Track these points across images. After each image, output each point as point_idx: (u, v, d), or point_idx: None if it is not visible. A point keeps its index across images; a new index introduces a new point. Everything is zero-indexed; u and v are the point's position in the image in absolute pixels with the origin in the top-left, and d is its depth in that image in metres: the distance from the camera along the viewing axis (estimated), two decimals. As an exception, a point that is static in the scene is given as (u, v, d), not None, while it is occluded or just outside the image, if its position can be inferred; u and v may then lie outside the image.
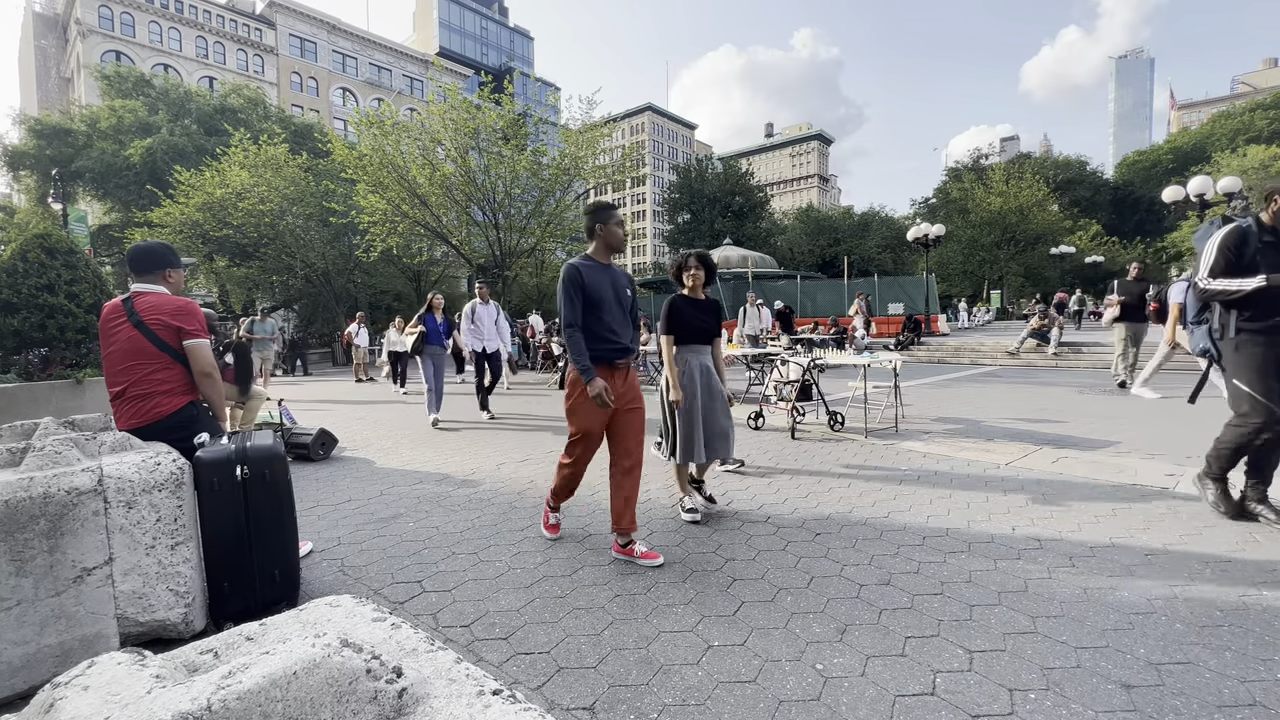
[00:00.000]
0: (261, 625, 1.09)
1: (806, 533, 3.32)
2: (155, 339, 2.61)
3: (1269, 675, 1.93)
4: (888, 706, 1.83)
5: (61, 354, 5.52)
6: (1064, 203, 42.45)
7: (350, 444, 6.19)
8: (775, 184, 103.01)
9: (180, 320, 2.66)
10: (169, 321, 2.64)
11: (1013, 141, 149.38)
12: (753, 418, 6.44)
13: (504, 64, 66.11)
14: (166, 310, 2.65)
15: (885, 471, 4.54)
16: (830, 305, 22.75)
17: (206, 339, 2.76)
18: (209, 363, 2.72)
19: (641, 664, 2.10)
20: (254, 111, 28.76)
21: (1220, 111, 50.26)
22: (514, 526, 3.56)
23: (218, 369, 2.79)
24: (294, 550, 2.58)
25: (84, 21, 39.61)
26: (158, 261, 2.77)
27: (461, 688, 0.89)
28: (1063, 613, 2.37)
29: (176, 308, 2.69)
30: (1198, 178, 15.37)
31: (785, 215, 55.46)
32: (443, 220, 19.33)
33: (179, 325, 2.65)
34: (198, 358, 2.69)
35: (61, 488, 2.03)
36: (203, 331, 2.73)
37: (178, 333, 2.65)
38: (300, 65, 49.67)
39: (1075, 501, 3.72)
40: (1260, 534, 3.11)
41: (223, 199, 19.08)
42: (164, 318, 2.64)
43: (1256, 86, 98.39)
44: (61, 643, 2.01)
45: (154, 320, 2.62)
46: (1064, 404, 7.50)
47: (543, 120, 20.90)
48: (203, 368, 2.70)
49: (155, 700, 0.78)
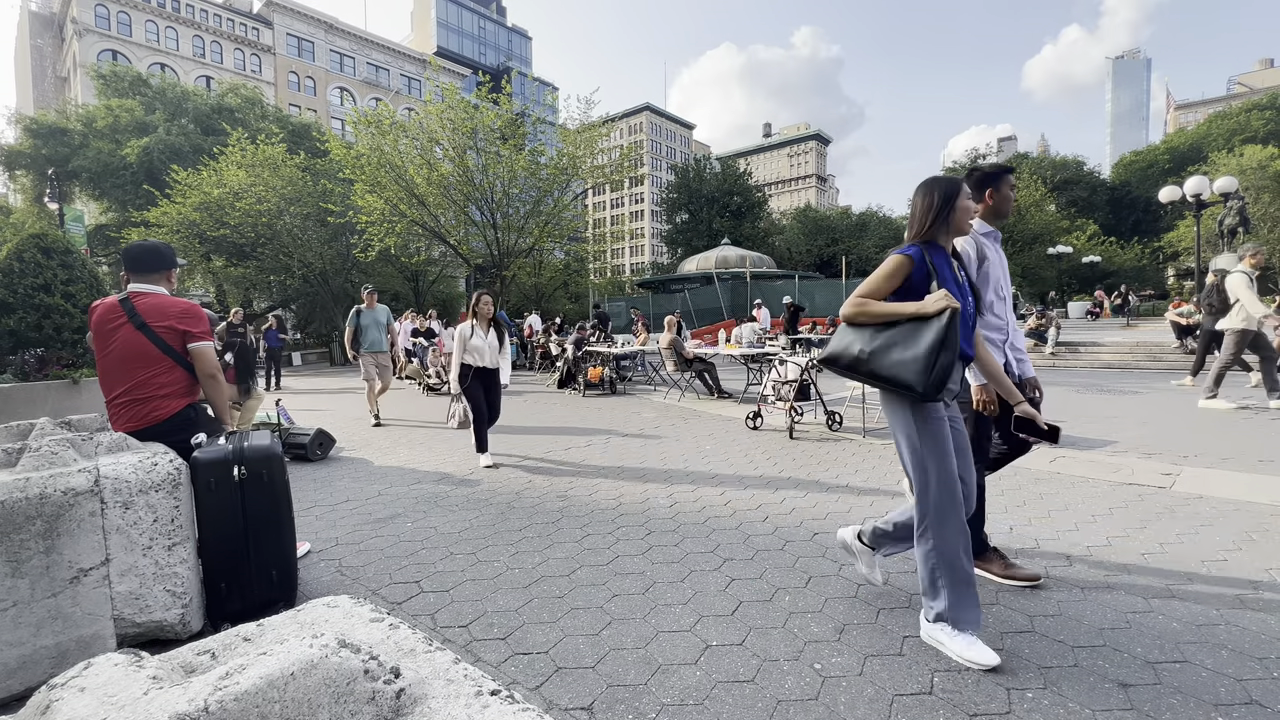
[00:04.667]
0: (259, 626, 1.09)
1: (805, 532, 3.32)
2: (160, 342, 2.58)
3: (1265, 674, 1.94)
4: (886, 706, 1.84)
5: (58, 354, 5.50)
6: (1061, 203, 42.56)
7: (348, 444, 6.17)
8: (773, 184, 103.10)
9: (186, 323, 2.64)
10: (175, 325, 2.61)
11: (1010, 142, 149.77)
12: (751, 417, 6.45)
13: (502, 63, 66.13)
14: (173, 313, 2.63)
15: (883, 471, 4.55)
16: (828, 305, 22.81)
17: (212, 341, 2.75)
18: (215, 365, 2.70)
19: (640, 664, 2.10)
20: (251, 111, 28.66)
21: (1217, 112, 50.39)
22: (512, 527, 3.56)
23: (222, 371, 2.78)
24: (291, 551, 2.57)
25: (80, 20, 39.48)
26: (162, 261, 2.74)
27: (459, 688, 0.89)
28: (1060, 612, 2.37)
29: (182, 310, 2.66)
30: (1194, 178, 15.42)
31: (783, 215, 55.53)
32: (440, 220, 19.30)
33: (185, 329, 2.63)
34: (204, 361, 2.67)
35: (58, 488, 2.02)
36: (208, 335, 2.72)
37: (183, 336, 2.63)
38: (298, 64, 49.58)
39: (1073, 501, 3.73)
40: (1256, 533, 3.12)
41: (220, 199, 19.01)
42: (170, 321, 2.61)
43: (1253, 87, 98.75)
44: (58, 644, 2.00)
45: (158, 323, 2.59)
46: (1061, 403, 7.52)
47: (540, 120, 20.84)
48: (208, 370, 2.68)
49: (152, 702, 0.78)
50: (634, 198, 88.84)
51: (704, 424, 6.85)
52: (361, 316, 7.44)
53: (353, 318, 7.45)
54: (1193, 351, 11.10)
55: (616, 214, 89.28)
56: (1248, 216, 19.32)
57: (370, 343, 7.45)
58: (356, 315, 7.45)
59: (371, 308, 7.53)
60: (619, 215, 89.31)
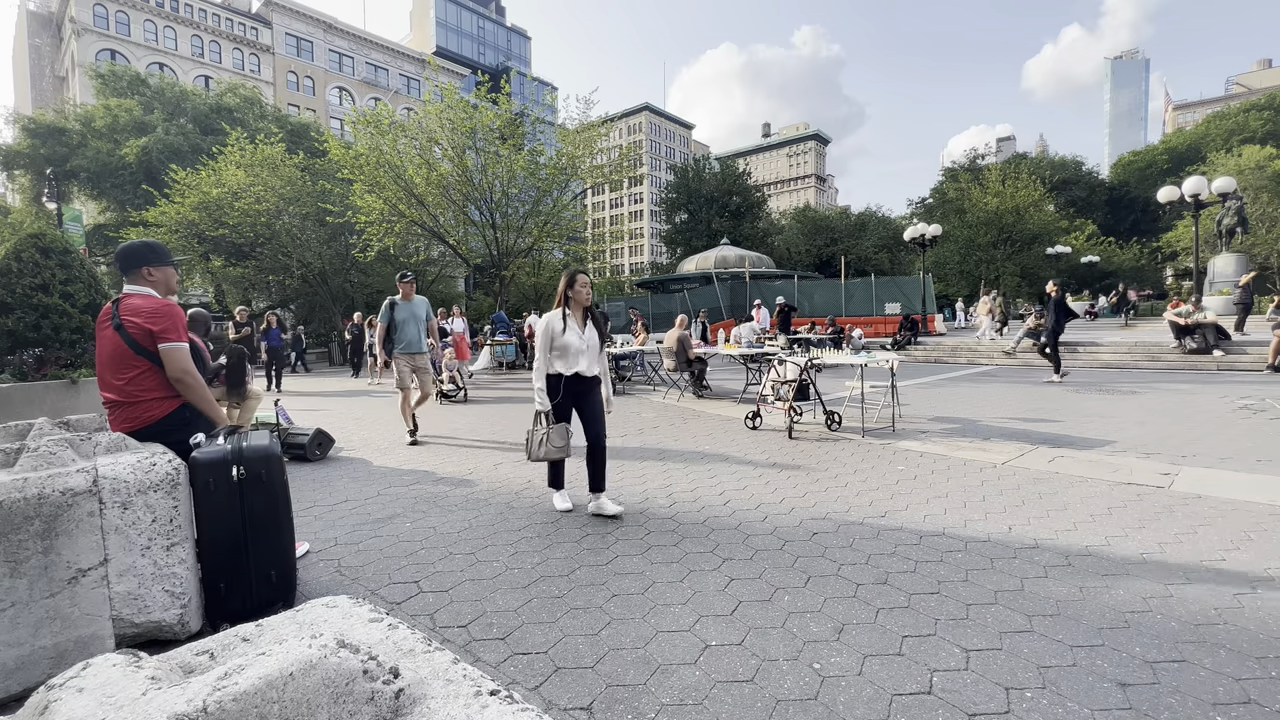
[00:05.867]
0: (258, 626, 1.09)
1: (804, 532, 3.32)
2: (133, 343, 2.54)
3: (1264, 673, 1.94)
4: (885, 705, 1.84)
5: (56, 354, 5.49)
6: (1060, 203, 42.58)
7: (347, 444, 6.17)
8: (772, 184, 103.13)
9: (155, 323, 2.56)
10: (144, 325, 2.55)
11: (1009, 142, 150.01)
12: (750, 417, 6.45)
13: (501, 63, 66.11)
14: (144, 313, 2.57)
15: (882, 471, 4.55)
16: (827, 305, 22.82)
17: (182, 342, 2.64)
18: (181, 367, 2.61)
19: (639, 664, 2.10)
20: (250, 110, 28.65)
21: (1215, 112, 50.45)
22: (511, 527, 3.56)
23: (193, 372, 2.66)
24: (290, 551, 2.56)
25: (79, 20, 39.41)
26: (135, 260, 2.69)
27: (459, 688, 0.89)
28: (1059, 611, 2.37)
29: (153, 310, 2.59)
30: (1192, 178, 15.45)
31: (782, 215, 55.55)
32: (440, 220, 19.30)
33: (152, 329, 2.55)
34: (171, 363, 2.59)
35: (56, 488, 2.01)
36: (178, 335, 2.62)
37: (152, 336, 2.56)
38: (296, 64, 49.52)
39: (1071, 500, 3.73)
40: (1254, 532, 3.13)
41: (219, 198, 18.98)
42: (140, 320, 2.55)
43: (1251, 87, 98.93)
44: (56, 644, 1.99)
45: (131, 323, 2.54)
46: (1060, 403, 7.52)
47: (540, 120, 20.86)
48: (174, 373, 2.60)
49: (151, 702, 0.77)
50: (633, 198, 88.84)
51: (703, 424, 6.85)
52: (396, 310, 6.09)
53: (386, 311, 6.09)
54: (1192, 351, 11.12)
55: (615, 214, 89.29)
56: (1246, 217, 19.35)
57: (407, 342, 6.08)
58: (390, 309, 6.08)
59: (408, 299, 6.17)
60: (618, 215, 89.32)
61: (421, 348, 6.19)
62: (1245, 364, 10.45)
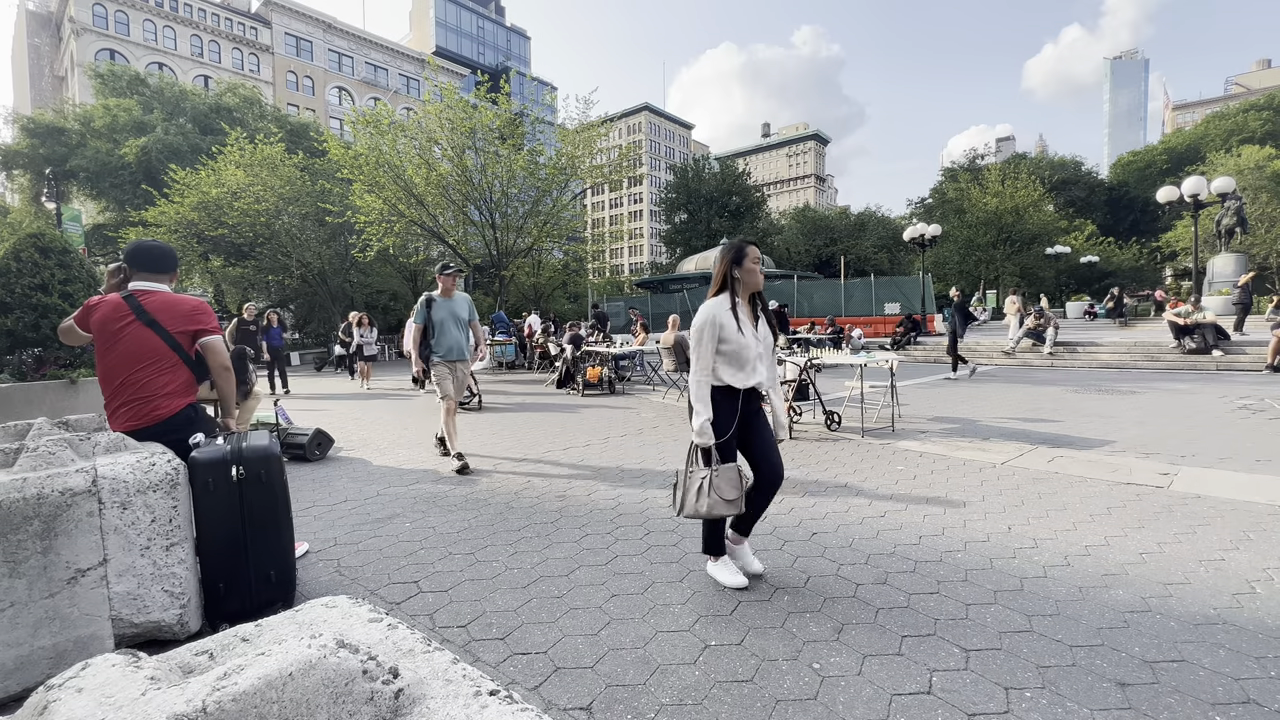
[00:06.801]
0: (257, 626, 1.09)
1: (803, 532, 3.32)
2: (170, 339, 2.60)
3: (1263, 673, 1.94)
4: (884, 705, 1.84)
5: (55, 354, 5.48)
6: (1059, 203, 42.59)
7: (347, 444, 6.17)
8: (772, 184, 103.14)
9: (198, 320, 2.67)
10: (186, 323, 2.64)
11: (1009, 142, 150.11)
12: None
13: (500, 63, 66.12)
14: (183, 310, 2.65)
15: (881, 471, 4.55)
16: (827, 305, 22.82)
17: (222, 336, 2.77)
18: (223, 361, 2.72)
19: (639, 664, 2.10)
20: (249, 110, 28.63)
21: (1214, 112, 50.46)
22: (511, 527, 3.56)
23: (231, 365, 2.79)
24: (290, 551, 2.56)
25: (78, 20, 39.38)
26: (172, 263, 2.78)
27: (458, 688, 0.89)
28: (1058, 611, 2.37)
29: (193, 307, 2.69)
30: (1192, 178, 15.47)
31: (782, 215, 55.55)
32: (439, 220, 19.30)
33: (196, 326, 2.66)
34: (216, 353, 2.69)
35: (55, 488, 2.01)
36: (218, 329, 2.75)
37: (194, 334, 2.65)
38: (296, 64, 49.50)
39: (1071, 500, 3.73)
40: (1254, 532, 3.13)
41: (218, 198, 18.98)
42: (182, 318, 2.63)
43: (1250, 87, 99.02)
44: (55, 644, 1.99)
45: (170, 320, 2.61)
46: (1059, 403, 7.53)
47: (539, 120, 20.86)
48: (222, 362, 2.71)
49: (150, 702, 0.77)
50: (633, 198, 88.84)
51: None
52: (434, 308, 5.06)
53: (421, 309, 5.06)
54: (1191, 351, 11.13)
55: (615, 214, 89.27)
56: (1245, 217, 19.36)
57: (448, 348, 5.04)
58: (427, 307, 5.06)
59: (449, 296, 5.12)
60: (618, 215, 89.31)
61: (465, 354, 5.14)
62: (1244, 364, 10.46)
